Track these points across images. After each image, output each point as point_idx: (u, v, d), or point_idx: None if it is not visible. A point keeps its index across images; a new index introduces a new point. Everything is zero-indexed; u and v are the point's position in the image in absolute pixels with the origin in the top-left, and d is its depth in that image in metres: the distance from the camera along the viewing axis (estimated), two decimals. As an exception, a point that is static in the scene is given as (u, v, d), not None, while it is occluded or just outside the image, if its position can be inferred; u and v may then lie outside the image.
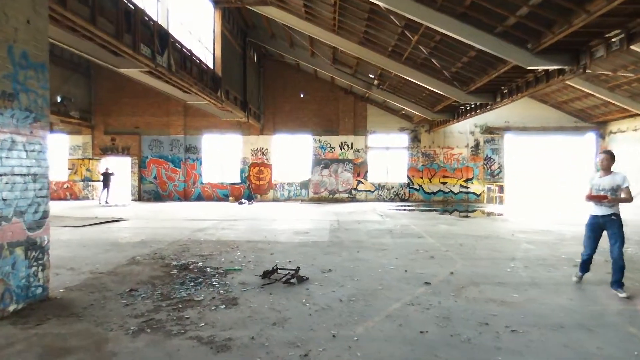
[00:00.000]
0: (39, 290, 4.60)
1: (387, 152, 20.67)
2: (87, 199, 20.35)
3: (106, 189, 17.93)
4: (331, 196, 20.34)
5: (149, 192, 20.18)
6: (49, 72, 4.75)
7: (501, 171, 20.13)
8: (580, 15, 6.64)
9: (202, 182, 20.31)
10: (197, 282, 5.43)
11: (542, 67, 8.98)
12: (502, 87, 12.30)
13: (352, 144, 20.37)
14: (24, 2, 4.40)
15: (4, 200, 4.17)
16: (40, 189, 4.66)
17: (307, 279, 5.62)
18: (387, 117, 20.47)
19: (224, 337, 3.69)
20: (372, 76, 16.29)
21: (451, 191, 20.28)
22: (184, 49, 10.47)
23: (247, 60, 16.92)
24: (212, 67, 13.06)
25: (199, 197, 20.21)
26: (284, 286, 5.31)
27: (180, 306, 4.50)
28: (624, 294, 4.88)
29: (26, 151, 4.46)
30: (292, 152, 20.74)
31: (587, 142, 19.55)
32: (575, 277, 5.58)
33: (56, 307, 4.45)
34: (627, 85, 13.37)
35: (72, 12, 6.06)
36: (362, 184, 20.46)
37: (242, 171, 20.53)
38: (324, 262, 6.69)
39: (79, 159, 20.53)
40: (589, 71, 8.87)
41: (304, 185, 20.50)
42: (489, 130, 20.01)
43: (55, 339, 3.65)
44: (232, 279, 5.63)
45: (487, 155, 20.16)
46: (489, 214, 14.81)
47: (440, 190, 20.32)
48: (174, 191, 20.17)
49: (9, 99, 4.21)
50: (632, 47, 7.27)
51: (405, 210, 16.00)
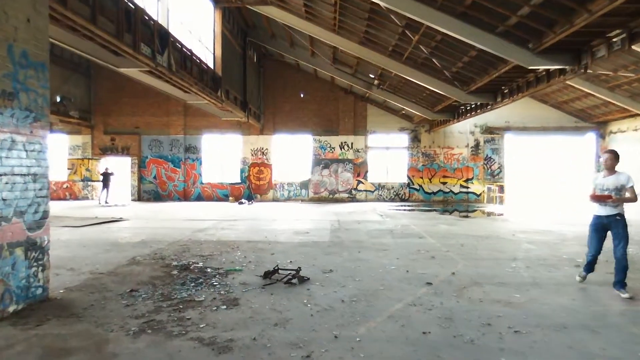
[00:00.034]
0: (39, 290, 4.58)
1: (387, 152, 20.65)
2: (87, 199, 20.31)
3: (106, 189, 17.89)
4: (331, 196, 20.32)
5: (149, 192, 20.15)
6: (48, 72, 4.73)
7: (501, 171, 20.11)
8: (582, 14, 6.62)
9: (202, 182, 20.28)
10: (198, 283, 5.41)
11: (543, 67, 8.97)
12: (503, 87, 12.28)
13: (352, 144, 20.34)
14: (24, 0, 4.37)
15: (4, 200, 4.15)
16: (40, 189, 4.63)
17: (308, 279, 5.60)
18: (387, 117, 20.45)
19: (225, 338, 3.67)
20: (372, 76, 16.27)
21: (451, 191, 20.26)
22: (184, 49, 10.45)
23: (247, 60, 16.89)
24: (212, 67, 13.04)
25: (199, 197, 20.18)
26: (285, 286, 5.29)
27: (181, 307, 4.48)
28: (626, 295, 4.87)
29: (26, 151, 4.43)
30: (292, 152, 20.71)
31: (587, 142, 19.55)
32: (579, 277, 5.54)
33: (56, 308, 4.43)
34: (627, 85, 13.35)
35: (72, 11, 6.04)
36: (362, 184, 20.44)
37: (242, 171, 20.50)
38: (324, 263, 6.67)
39: (78, 159, 20.49)
40: (590, 71, 8.85)
41: (304, 185, 20.48)
42: (489, 130, 19.99)
43: (55, 340, 3.62)
44: (233, 280, 5.61)
45: (487, 155, 20.14)
46: (489, 214, 14.79)
47: (440, 190, 20.31)
48: (173, 191, 20.14)
49: (8, 98, 4.19)
50: (633, 47, 7.26)
51: (405, 210, 15.98)
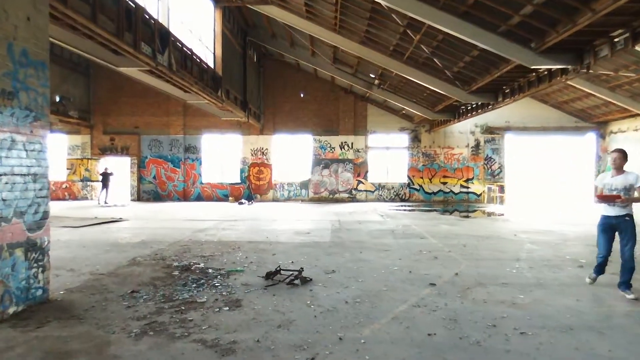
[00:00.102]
0: (39, 292, 4.53)
1: (388, 152, 20.61)
2: (86, 199, 20.24)
3: (105, 189, 17.82)
4: (331, 196, 20.28)
5: (149, 192, 20.08)
6: (48, 71, 4.68)
7: (501, 171, 20.08)
8: (585, 14, 6.58)
9: (201, 182, 20.22)
10: (200, 284, 5.36)
11: (545, 67, 8.94)
12: (504, 87, 12.25)
13: (352, 143, 20.30)
14: (24, -1, 4.33)
15: (4, 200, 4.10)
16: (40, 189, 4.59)
17: (311, 280, 5.55)
18: (387, 117, 20.41)
19: (228, 340, 3.63)
20: (372, 76, 16.23)
21: (451, 191, 20.23)
22: (184, 48, 10.40)
23: (247, 59, 16.84)
24: (212, 67, 12.99)
25: (199, 197, 20.12)
26: (287, 287, 5.25)
27: (183, 308, 4.43)
28: (631, 295, 4.83)
29: (26, 151, 4.39)
30: (292, 152, 20.66)
31: (588, 142, 19.52)
32: (589, 279, 5.45)
33: (57, 309, 4.38)
34: (627, 85, 13.32)
35: (72, 9, 5.99)
36: (363, 184, 20.40)
37: (241, 171, 20.44)
38: (327, 263, 6.63)
39: (77, 159, 20.42)
40: (592, 71, 8.82)
41: (304, 185, 20.43)
42: (489, 130, 19.96)
43: (56, 342, 3.57)
44: (234, 280, 5.56)
45: (487, 155, 20.11)
46: (490, 214, 14.75)
47: (440, 190, 20.27)
48: (173, 191, 20.08)
49: (8, 97, 4.14)
50: (636, 47, 7.23)
51: (405, 210, 15.95)
